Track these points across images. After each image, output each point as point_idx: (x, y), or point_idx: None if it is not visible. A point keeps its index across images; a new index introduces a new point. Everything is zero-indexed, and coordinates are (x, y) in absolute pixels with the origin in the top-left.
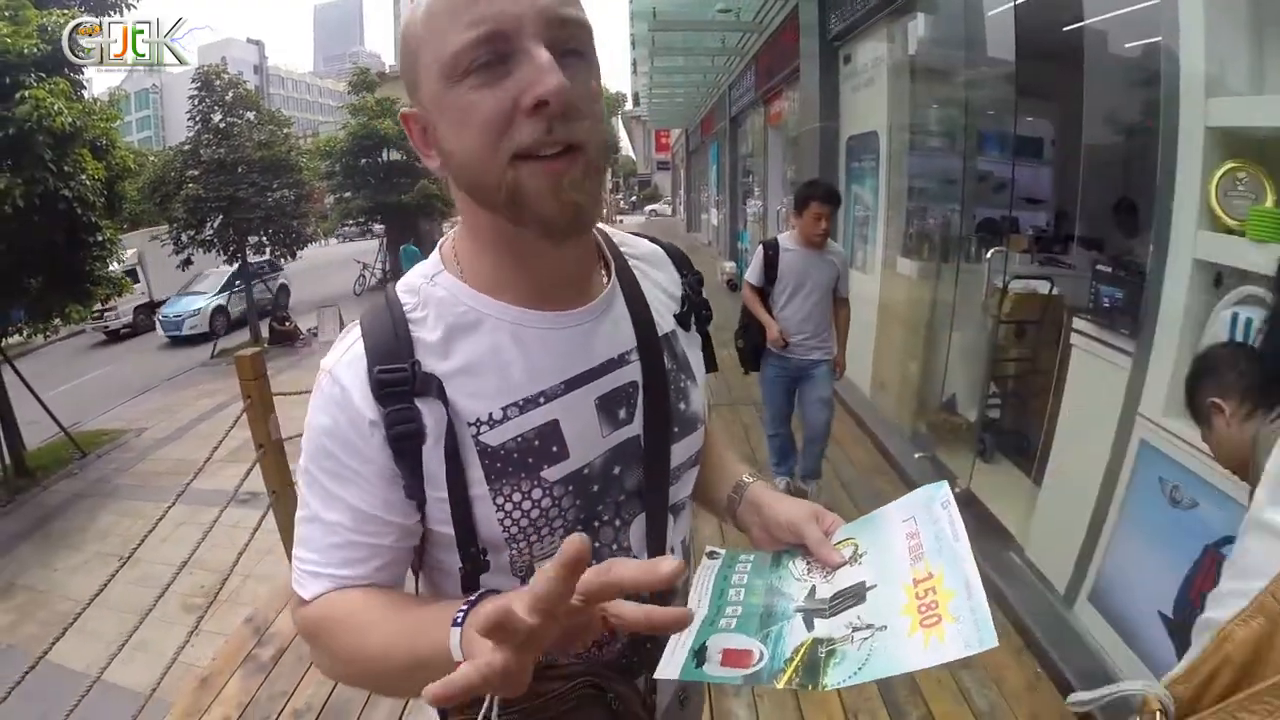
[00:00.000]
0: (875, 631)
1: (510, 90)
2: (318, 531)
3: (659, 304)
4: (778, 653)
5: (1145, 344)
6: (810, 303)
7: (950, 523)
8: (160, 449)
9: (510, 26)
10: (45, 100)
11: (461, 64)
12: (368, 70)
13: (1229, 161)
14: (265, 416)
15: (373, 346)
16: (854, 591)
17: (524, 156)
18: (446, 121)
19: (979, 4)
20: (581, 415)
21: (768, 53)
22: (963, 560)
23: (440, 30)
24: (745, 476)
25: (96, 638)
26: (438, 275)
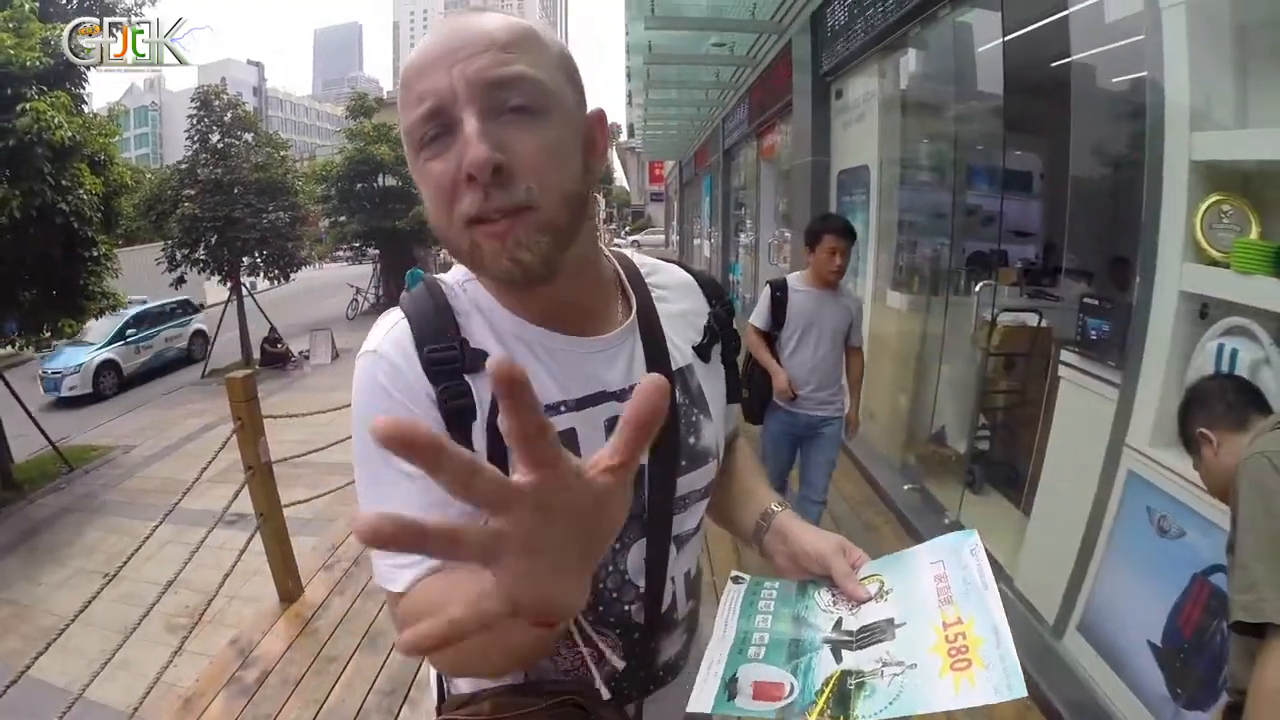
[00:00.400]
0: (905, 669)
1: (453, 160)
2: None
3: (679, 336)
4: (808, 685)
5: (1132, 375)
6: (820, 351)
7: (979, 570)
8: (148, 467)
9: (446, 100)
10: (46, 113)
11: (415, 137)
12: (365, 95)
13: (1214, 194)
14: (255, 439)
15: (419, 325)
16: (882, 627)
17: (474, 221)
18: (421, 188)
19: (968, 40)
20: (592, 433)
21: (761, 87)
22: (992, 609)
23: (402, 106)
24: (774, 505)
25: (79, 655)
26: (469, 282)
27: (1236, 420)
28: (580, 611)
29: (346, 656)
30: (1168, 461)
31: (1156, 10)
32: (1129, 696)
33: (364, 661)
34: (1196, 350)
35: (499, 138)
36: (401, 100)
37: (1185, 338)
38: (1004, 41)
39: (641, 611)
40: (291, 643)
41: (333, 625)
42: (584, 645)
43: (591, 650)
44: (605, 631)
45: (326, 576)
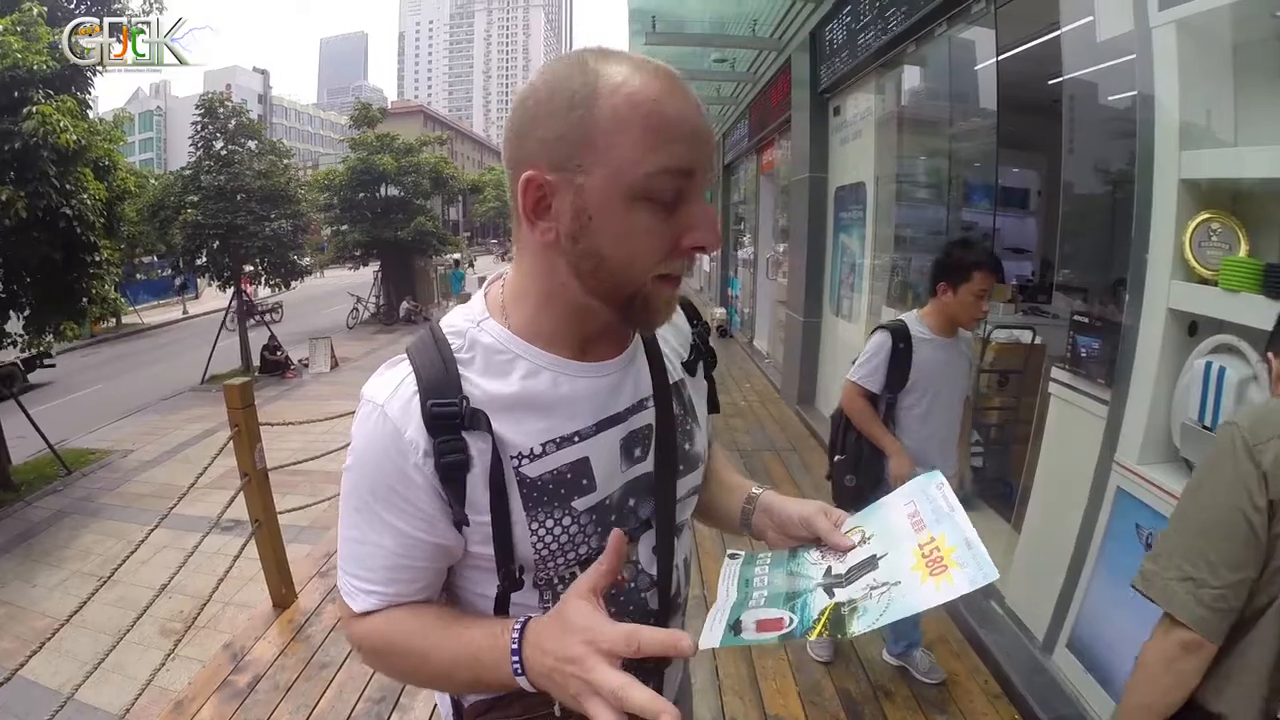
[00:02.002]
0: (890, 587)
1: (674, 227)
2: (367, 552)
3: (671, 354)
4: (805, 617)
5: (1121, 393)
6: (949, 416)
7: (945, 499)
8: (146, 471)
9: (700, 172)
10: (52, 116)
11: (650, 189)
12: (369, 105)
13: (1203, 212)
14: (251, 446)
15: (425, 381)
16: (867, 562)
17: (664, 276)
18: (610, 226)
19: (963, 59)
20: (607, 453)
21: (761, 103)
22: (961, 525)
23: (635, 143)
24: (754, 489)
25: (72, 657)
26: (484, 321)
27: None
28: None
29: (338, 663)
30: (1157, 479)
31: (1146, 30)
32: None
33: (355, 669)
34: (1185, 368)
35: None
36: (645, 138)
37: (1174, 355)
38: (998, 60)
39: (656, 597)
40: (284, 649)
41: (325, 632)
42: None
43: None
44: (625, 620)
45: (321, 584)
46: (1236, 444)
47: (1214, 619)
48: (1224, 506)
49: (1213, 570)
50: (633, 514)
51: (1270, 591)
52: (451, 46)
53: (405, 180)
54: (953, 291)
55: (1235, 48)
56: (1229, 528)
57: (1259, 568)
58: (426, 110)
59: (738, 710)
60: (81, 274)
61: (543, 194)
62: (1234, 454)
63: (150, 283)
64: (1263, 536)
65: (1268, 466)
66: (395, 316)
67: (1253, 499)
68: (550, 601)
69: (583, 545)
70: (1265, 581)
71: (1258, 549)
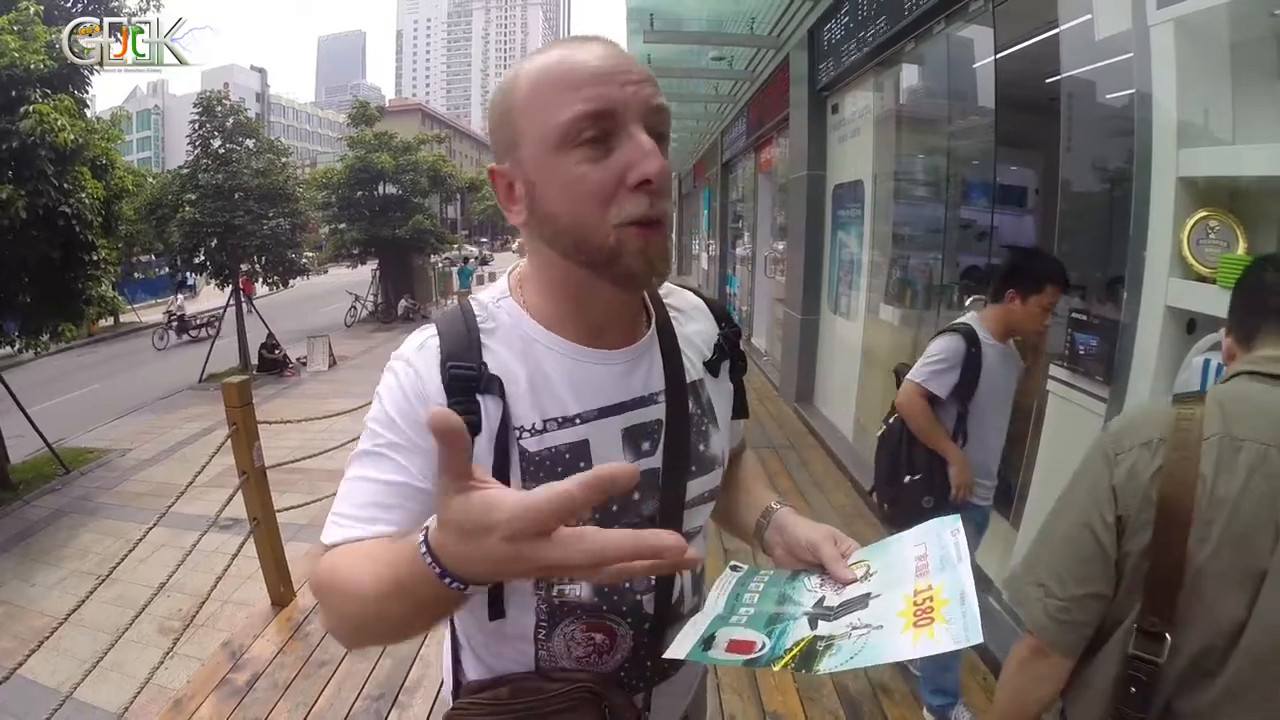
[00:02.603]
0: (871, 630)
1: (614, 167)
2: (360, 488)
3: (692, 352)
4: (779, 644)
5: (1119, 390)
6: (1004, 423)
7: (956, 547)
8: (144, 470)
9: (617, 108)
10: (49, 115)
11: (570, 136)
12: (367, 104)
13: (1201, 210)
14: (249, 444)
15: (448, 344)
16: (859, 601)
17: (626, 224)
18: (550, 186)
19: (961, 57)
20: (609, 441)
21: (759, 101)
22: (962, 577)
23: (547, 103)
24: (774, 503)
25: (70, 656)
26: (503, 300)
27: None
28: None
29: (336, 661)
30: None
31: (1144, 28)
32: None
33: (353, 666)
34: (1183, 365)
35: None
36: (550, 99)
37: (1171, 353)
38: (996, 58)
39: (653, 602)
40: (282, 647)
41: (323, 630)
42: (597, 633)
43: (604, 638)
44: (617, 620)
45: None
46: (1099, 452)
47: (1057, 630)
48: (1075, 519)
49: (1060, 582)
50: (635, 508)
51: (1121, 613)
52: (449, 45)
53: (403, 178)
54: (1021, 300)
55: (1233, 46)
56: (1077, 541)
57: (1111, 585)
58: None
59: (736, 708)
60: (80, 273)
61: (506, 182)
62: (1095, 462)
63: (148, 281)
64: (1111, 553)
65: (1118, 480)
66: (393, 315)
67: (1102, 514)
68: (543, 590)
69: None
70: (1118, 603)
71: (1105, 564)
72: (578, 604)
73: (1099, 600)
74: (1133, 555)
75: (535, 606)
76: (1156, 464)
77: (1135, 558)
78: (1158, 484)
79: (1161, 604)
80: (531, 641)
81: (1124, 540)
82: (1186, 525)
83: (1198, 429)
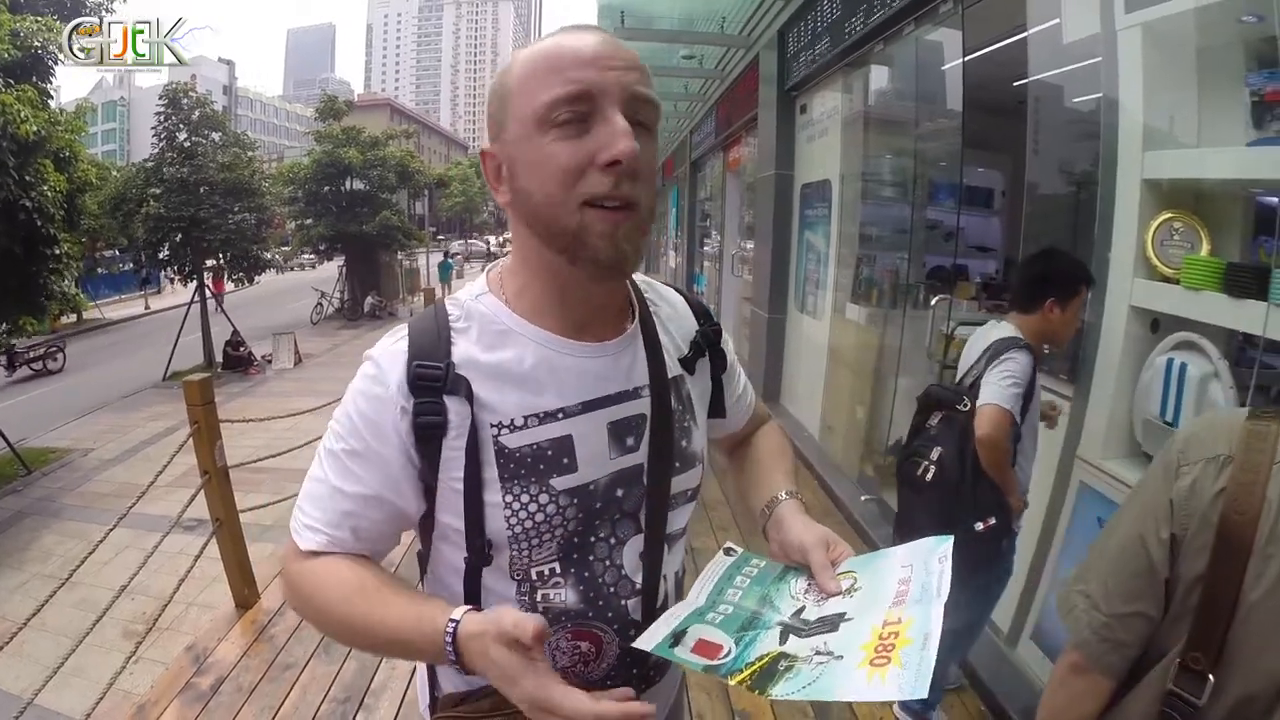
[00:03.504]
0: (831, 659)
1: (588, 146)
2: (327, 494)
3: (671, 348)
4: (743, 655)
5: (1084, 389)
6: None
7: (939, 579)
8: (107, 470)
9: (595, 92)
10: (11, 106)
11: (549, 116)
12: (336, 98)
13: (1165, 212)
14: (211, 443)
15: (415, 344)
16: (832, 620)
17: (591, 204)
18: (526, 164)
19: (930, 59)
20: (593, 435)
21: (728, 100)
22: (932, 617)
23: (533, 86)
24: (782, 493)
25: (33, 661)
26: (482, 295)
27: None
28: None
29: (302, 664)
30: (1119, 473)
31: (1113, 32)
32: None
33: (319, 669)
34: (1146, 365)
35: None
36: (534, 81)
37: (1136, 352)
38: (965, 61)
39: (639, 607)
40: (247, 650)
41: (289, 632)
42: (583, 641)
43: (590, 646)
44: (603, 627)
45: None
46: (1161, 461)
47: (1099, 647)
48: (1131, 531)
49: (1106, 597)
50: (618, 504)
51: (1166, 643)
52: (420, 40)
53: (371, 174)
54: (1061, 309)
55: (1199, 51)
56: (1130, 556)
57: (1158, 606)
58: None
59: (705, 706)
60: (41, 268)
61: (495, 163)
62: (1158, 473)
63: (112, 277)
64: (1161, 572)
65: (1178, 495)
66: (360, 312)
67: (1157, 529)
68: (526, 596)
69: (559, 528)
70: (1164, 630)
71: (1154, 583)
72: (563, 611)
73: (1144, 621)
74: (1183, 580)
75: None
76: (1220, 484)
77: (1186, 583)
78: (1219, 507)
79: (1208, 640)
80: None
81: (1176, 561)
82: (1246, 557)
83: (1270, 450)
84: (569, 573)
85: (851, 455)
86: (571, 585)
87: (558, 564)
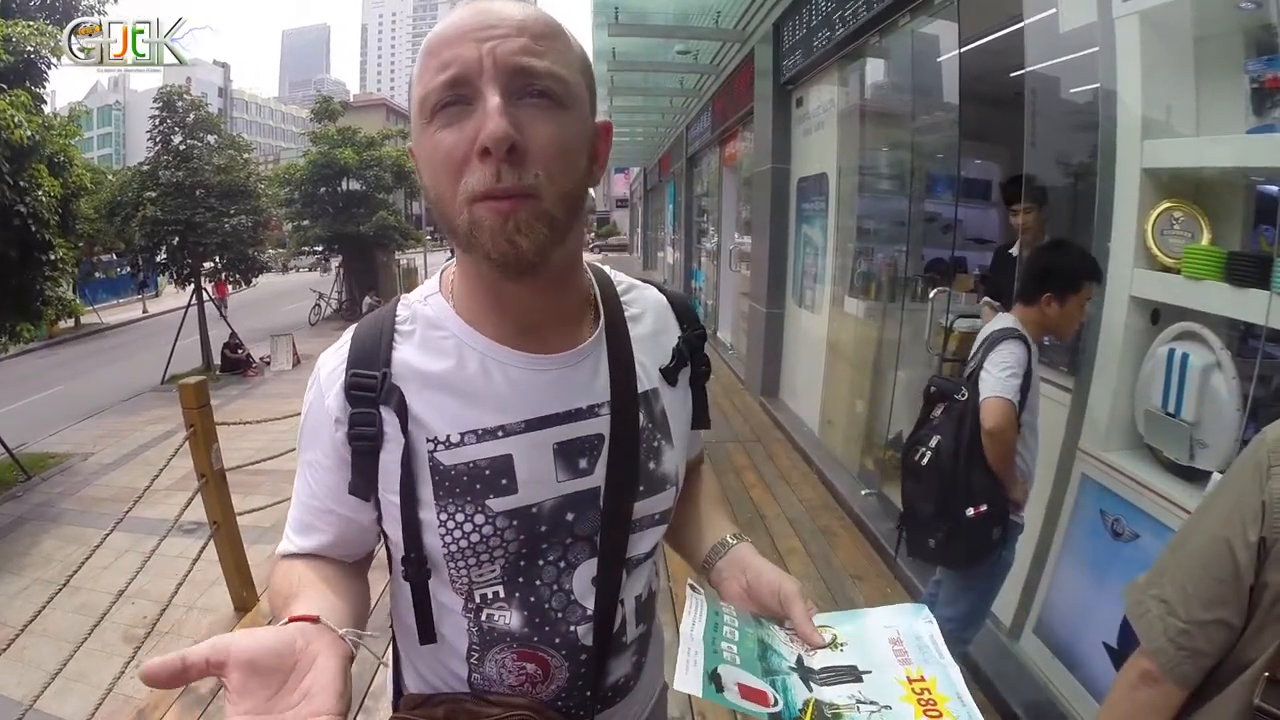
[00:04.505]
0: (881, 709)
1: (468, 132)
2: (296, 505)
3: (648, 358)
4: (790, 701)
5: (1084, 380)
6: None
7: (933, 639)
8: (106, 474)
9: (471, 71)
10: (5, 111)
11: (429, 104)
12: (331, 99)
13: (1165, 201)
14: (208, 446)
15: (355, 350)
16: (848, 671)
17: (478, 198)
18: (421, 160)
19: (926, 50)
20: (536, 457)
21: (724, 94)
22: (953, 676)
23: (420, 73)
24: (729, 536)
25: (34, 666)
26: (431, 296)
27: None
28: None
29: None
30: (1121, 465)
31: (1110, 21)
32: (1085, 697)
33: None
34: (1148, 355)
35: (518, 119)
36: (421, 67)
37: (1136, 343)
38: (961, 52)
39: (590, 633)
40: None
41: None
42: (529, 663)
43: (536, 668)
44: (550, 651)
45: None
46: (1251, 458)
47: (1175, 656)
48: (1214, 533)
49: (1185, 603)
50: (568, 528)
51: (1248, 654)
52: (415, 39)
53: (367, 174)
54: (1059, 303)
55: (1197, 39)
56: (1213, 559)
57: (1242, 614)
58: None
59: (705, 705)
60: (37, 274)
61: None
62: (1245, 472)
63: (109, 281)
64: (1246, 578)
65: (1271, 496)
66: (358, 312)
67: (1245, 532)
68: (472, 615)
69: (499, 550)
70: (1246, 640)
71: (1239, 590)
72: (506, 632)
73: (1226, 629)
74: (1272, 588)
75: (466, 629)
76: None
77: (1275, 592)
78: None
79: None
80: (465, 663)
81: (1265, 567)
82: None
83: None
84: (513, 596)
85: (851, 449)
86: (516, 608)
87: (501, 587)
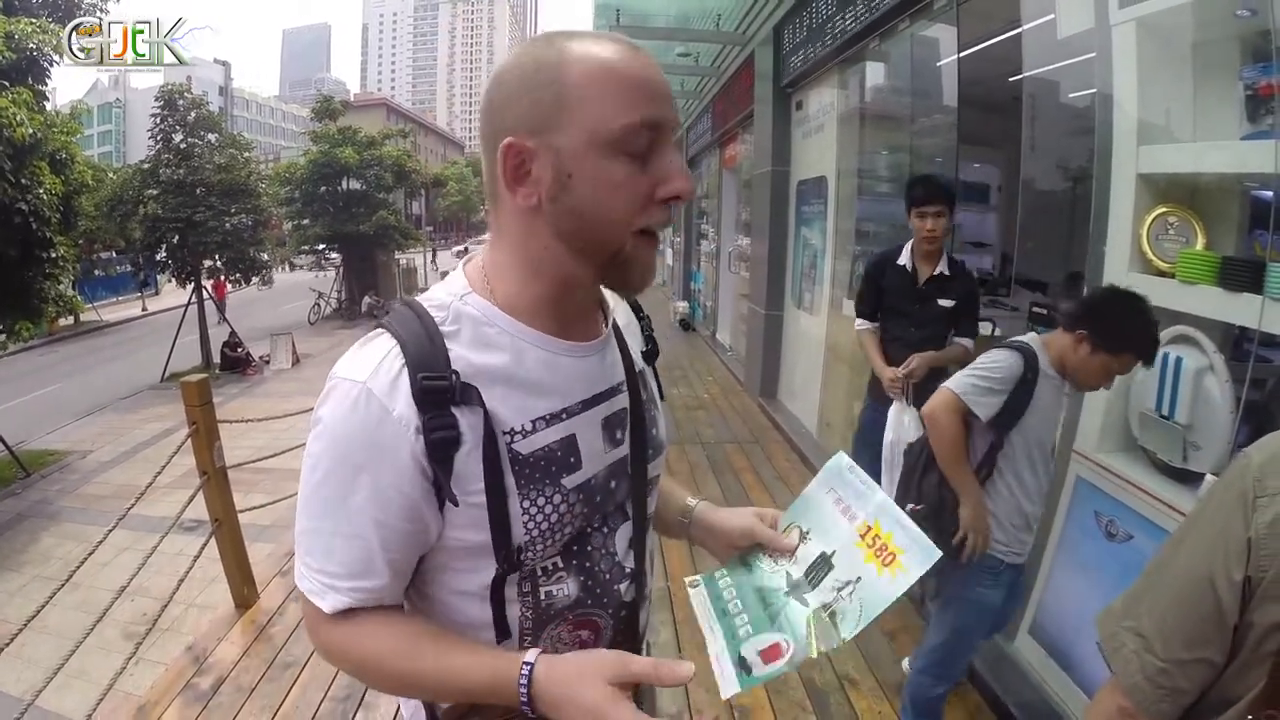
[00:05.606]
0: (855, 585)
1: (650, 178)
2: (338, 545)
3: (633, 343)
4: (796, 635)
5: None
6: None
7: (862, 482)
8: (105, 472)
9: (667, 126)
10: (7, 109)
11: (623, 140)
12: (331, 98)
13: (1161, 206)
14: (209, 444)
15: (413, 355)
16: (821, 562)
17: (649, 233)
18: (588, 184)
19: (925, 55)
20: (592, 432)
21: (724, 97)
22: (887, 508)
23: (606, 103)
24: (689, 500)
25: (34, 663)
26: (467, 295)
27: None
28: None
29: (302, 662)
30: (1115, 467)
31: (1107, 27)
32: (1080, 697)
33: (319, 668)
34: None
35: None
36: (611, 97)
37: None
38: (959, 57)
39: (632, 590)
40: (247, 649)
41: (288, 631)
42: (583, 630)
43: (589, 634)
44: (600, 614)
45: (283, 582)
46: (1235, 489)
47: (1152, 695)
48: (1195, 568)
49: (1164, 640)
50: (612, 496)
51: (1233, 691)
52: (415, 39)
53: (367, 174)
54: (1090, 349)
55: (1194, 46)
56: (1194, 596)
57: (1224, 652)
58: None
59: (703, 702)
60: (38, 271)
61: (521, 159)
62: (1229, 500)
63: (109, 279)
64: (1230, 618)
65: (1257, 532)
66: (357, 312)
67: (1229, 569)
68: (530, 594)
69: (569, 525)
70: (1230, 677)
71: (1221, 629)
72: (565, 603)
73: (1208, 668)
74: (1258, 628)
75: (520, 614)
76: None
77: (1262, 629)
78: None
79: None
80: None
81: (1249, 607)
82: None
83: None
84: (570, 565)
85: (849, 450)
86: (573, 577)
87: (559, 558)
